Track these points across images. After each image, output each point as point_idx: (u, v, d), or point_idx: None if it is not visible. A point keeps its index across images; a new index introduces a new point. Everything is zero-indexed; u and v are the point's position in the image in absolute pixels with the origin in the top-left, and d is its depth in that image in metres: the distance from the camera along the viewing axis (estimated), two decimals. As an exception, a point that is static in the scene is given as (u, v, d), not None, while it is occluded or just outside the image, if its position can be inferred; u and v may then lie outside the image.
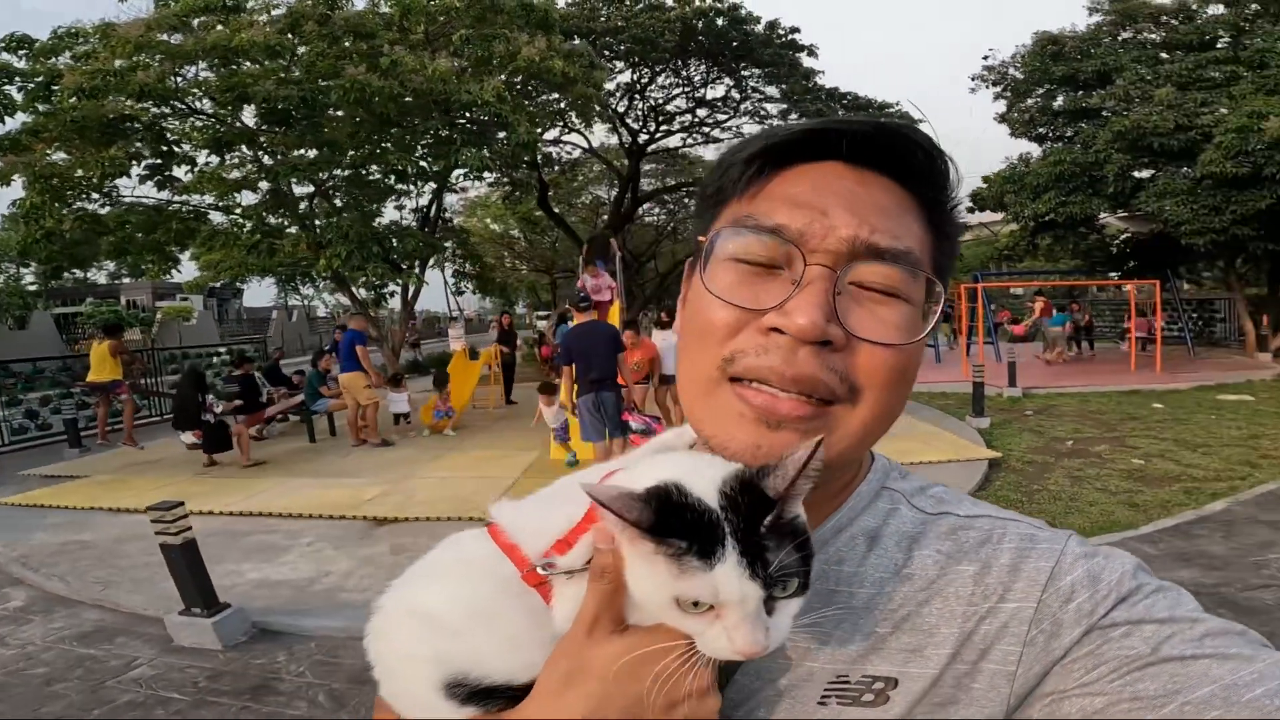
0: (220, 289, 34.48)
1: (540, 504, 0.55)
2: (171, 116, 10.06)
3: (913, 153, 0.52)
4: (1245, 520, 5.16)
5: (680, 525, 0.43)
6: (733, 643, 0.43)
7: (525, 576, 0.49)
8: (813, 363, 0.49)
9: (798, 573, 0.44)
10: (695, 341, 0.54)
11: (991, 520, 0.56)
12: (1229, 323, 17.77)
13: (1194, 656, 0.43)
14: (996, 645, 0.49)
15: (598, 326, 6.03)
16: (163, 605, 4.17)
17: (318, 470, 7.75)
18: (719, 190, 0.56)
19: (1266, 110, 11.43)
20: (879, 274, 0.50)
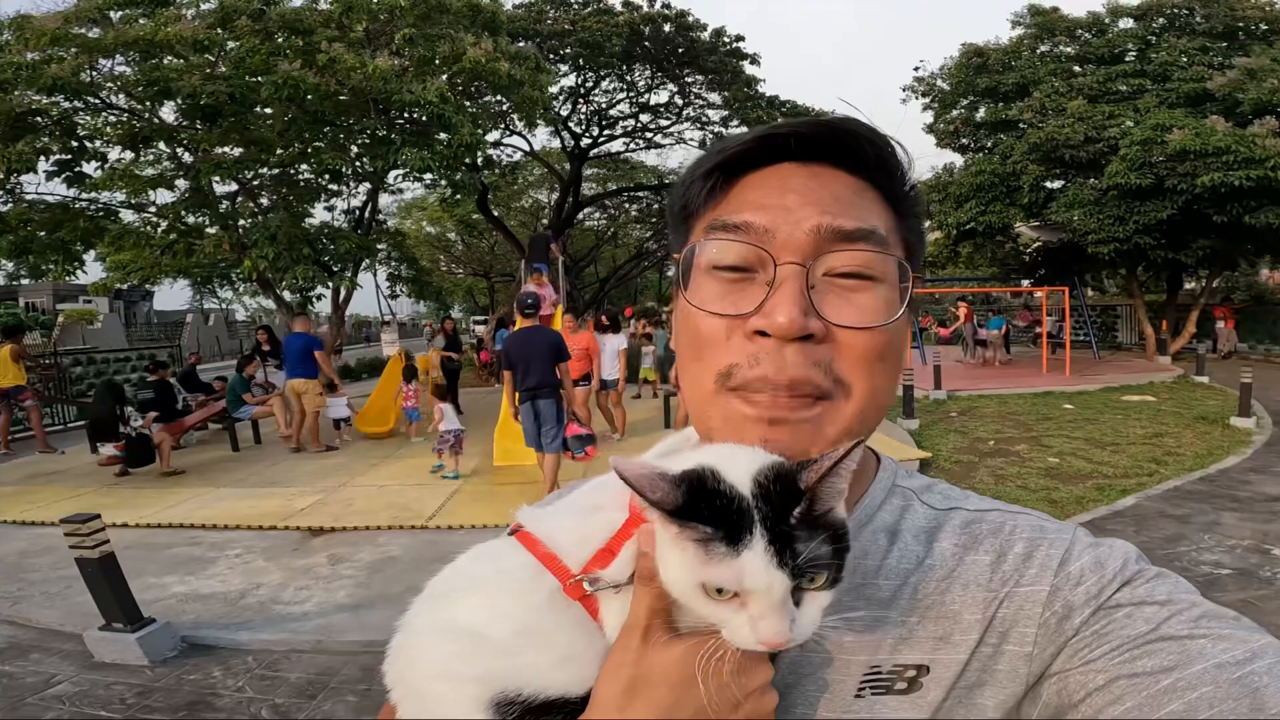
0: (128, 291, 32.57)
1: (577, 509, 0.54)
2: (84, 111, 9.48)
3: (859, 143, 0.55)
4: (1154, 515, 5.52)
5: (710, 510, 0.43)
6: (757, 632, 0.42)
7: (568, 589, 0.48)
8: (800, 361, 0.50)
9: (828, 565, 0.43)
10: (691, 354, 0.56)
11: (1001, 513, 0.59)
12: (1130, 328, 19.03)
13: (1190, 636, 0.46)
14: (1014, 628, 0.52)
15: (539, 333, 5.85)
16: (80, 620, 3.94)
17: (243, 480, 7.42)
18: (685, 207, 0.59)
19: (1169, 123, 12.15)
20: (849, 258, 0.52)
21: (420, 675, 0.49)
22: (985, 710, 0.52)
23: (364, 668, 3.49)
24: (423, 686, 0.49)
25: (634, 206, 23.08)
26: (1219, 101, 12.90)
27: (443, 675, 0.48)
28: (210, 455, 8.83)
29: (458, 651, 0.48)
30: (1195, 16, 14.69)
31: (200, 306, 38.06)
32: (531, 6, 15.36)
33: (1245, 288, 18.65)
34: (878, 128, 0.56)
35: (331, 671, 3.46)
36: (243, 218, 11.09)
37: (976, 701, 0.52)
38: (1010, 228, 16.56)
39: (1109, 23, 15.73)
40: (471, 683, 0.47)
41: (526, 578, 0.49)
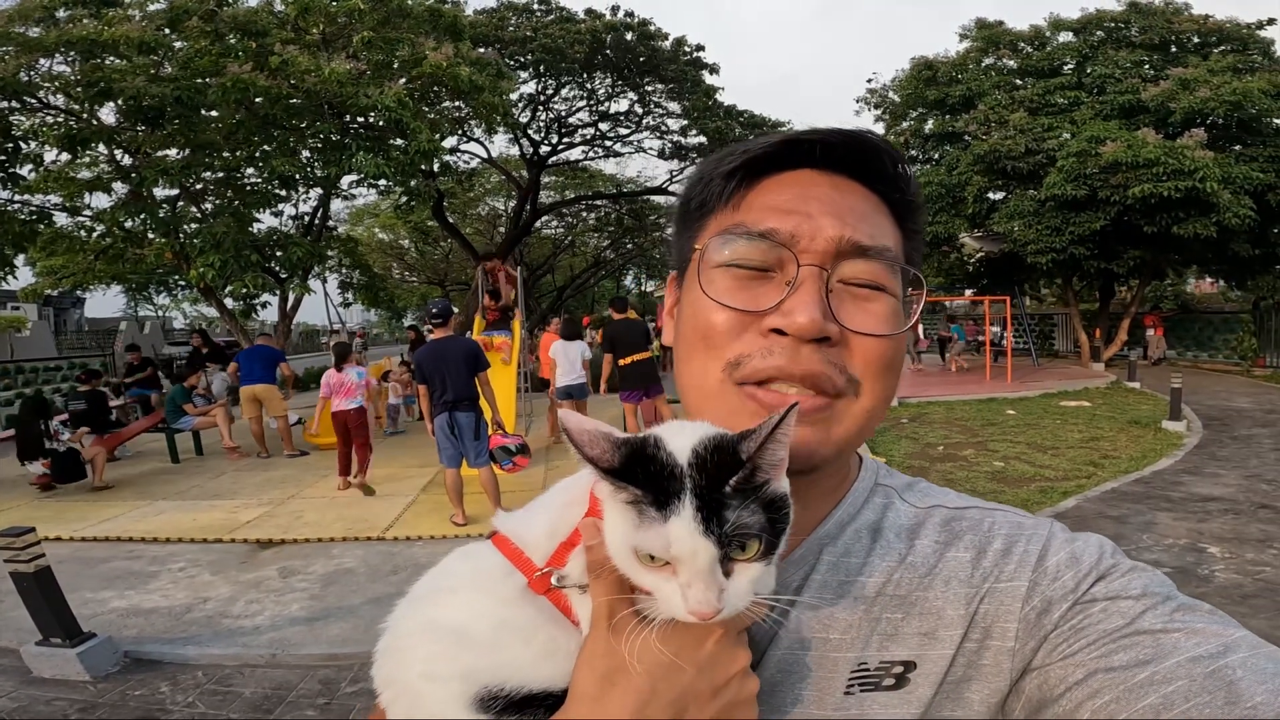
0: (58, 297, 31.13)
1: (545, 508, 0.54)
2: (20, 112, 9.05)
3: (879, 159, 0.57)
4: (1094, 515, 5.75)
5: (644, 475, 0.43)
6: (686, 601, 0.42)
7: (532, 584, 0.49)
8: (816, 359, 0.52)
9: (759, 535, 0.43)
10: (698, 346, 0.56)
11: (979, 510, 0.60)
12: (1066, 336, 19.81)
13: (1165, 630, 0.47)
14: (996, 624, 0.53)
15: (453, 343, 5.54)
16: (14, 636, 3.77)
17: (184, 492, 7.16)
18: (703, 203, 0.59)
19: (1103, 135, 12.64)
20: (864, 270, 0.54)
21: (407, 675, 0.49)
22: (972, 705, 0.53)
23: (323, 681, 3.39)
24: (411, 686, 0.49)
25: (592, 215, 23.07)
26: (1152, 113, 13.41)
27: (428, 675, 0.48)
28: (148, 467, 8.49)
29: (441, 651, 0.48)
30: (1132, 30, 15.21)
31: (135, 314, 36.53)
32: (493, 13, 15.27)
33: (1173, 297, 19.62)
34: (894, 148, 0.58)
35: (288, 686, 3.35)
36: (184, 223, 10.70)
37: (964, 697, 0.53)
38: (955, 238, 17.07)
39: (1049, 36, 16.18)
40: (456, 680, 0.47)
41: (501, 576, 0.50)
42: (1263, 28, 14.74)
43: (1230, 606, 3.99)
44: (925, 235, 0.62)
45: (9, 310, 27.24)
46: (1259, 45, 14.74)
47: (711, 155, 0.61)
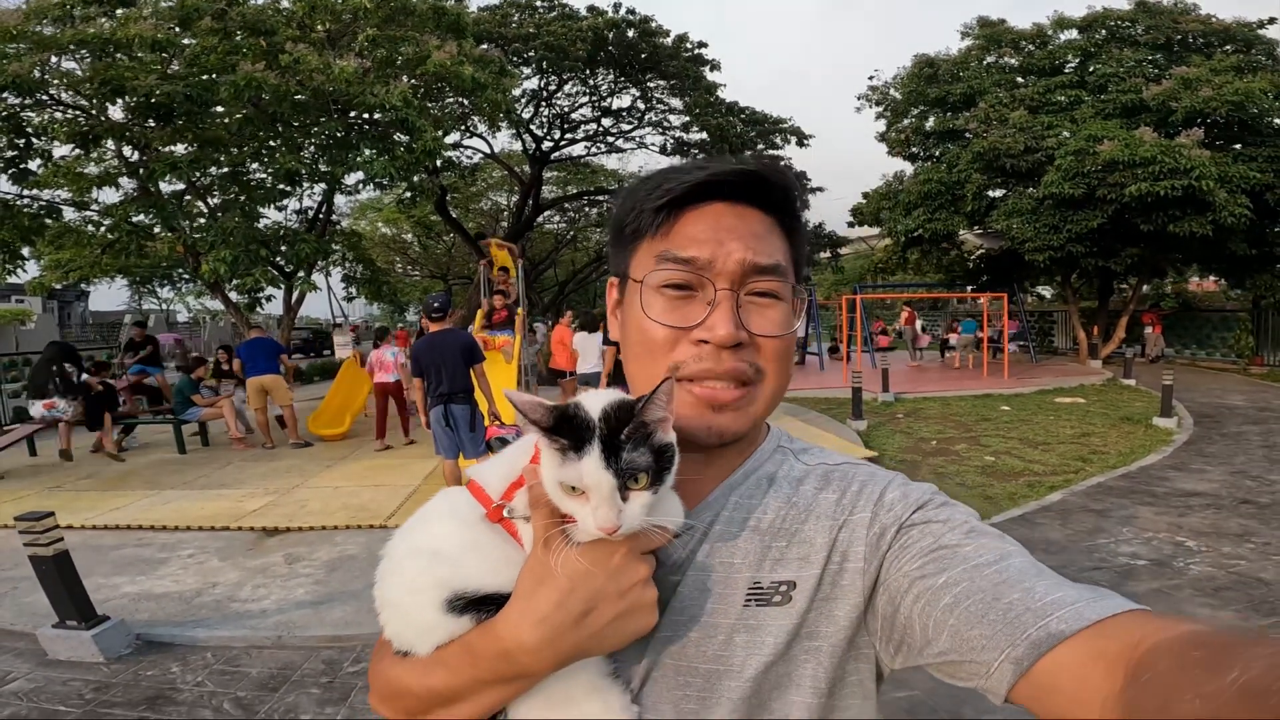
0: (63, 291, 31.30)
1: (502, 458, 0.70)
2: (32, 108, 9.20)
3: (772, 189, 0.72)
4: (1078, 509, 5.87)
5: (568, 430, 0.57)
6: (595, 519, 0.56)
7: (490, 514, 0.64)
8: (733, 360, 0.68)
9: (647, 470, 0.57)
10: (644, 354, 0.71)
11: (851, 465, 0.76)
12: (1065, 333, 19.87)
13: (958, 545, 0.62)
14: (851, 548, 0.67)
15: (449, 336, 5.66)
16: (30, 620, 3.91)
17: (191, 482, 7.31)
18: (635, 230, 0.74)
19: (1102, 134, 12.68)
20: (763, 284, 0.69)
21: (401, 590, 0.65)
22: (839, 620, 0.67)
23: (326, 661, 3.54)
24: (403, 600, 0.64)
25: (594, 210, 23.14)
26: (1153, 112, 13.40)
27: (411, 589, 0.64)
28: (156, 457, 8.66)
29: (421, 566, 0.64)
30: (1137, 29, 15.21)
31: (139, 307, 36.73)
32: (496, 10, 15.36)
33: (1174, 295, 19.65)
34: (786, 173, 0.74)
35: (293, 666, 3.51)
36: (189, 218, 10.85)
37: (834, 614, 0.67)
38: (955, 235, 17.12)
39: (1051, 34, 16.18)
40: (432, 589, 0.62)
41: (464, 507, 0.66)
42: (1264, 27, 14.73)
43: (1201, 598, 4.13)
44: (902, 230, 0.75)
45: (14, 303, 27.43)
46: (1264, 45, 14.72)
47: (639, 183, 0.75)
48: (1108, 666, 0.47)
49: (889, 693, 3.06)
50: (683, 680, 0.65)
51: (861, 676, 0.68)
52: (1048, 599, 0.54)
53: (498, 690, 0.61)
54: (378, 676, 0.69)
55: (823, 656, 0.66)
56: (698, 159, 0.78)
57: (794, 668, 0.66)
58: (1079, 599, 0.54)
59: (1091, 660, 0.49)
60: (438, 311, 5.77)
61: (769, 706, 0.65)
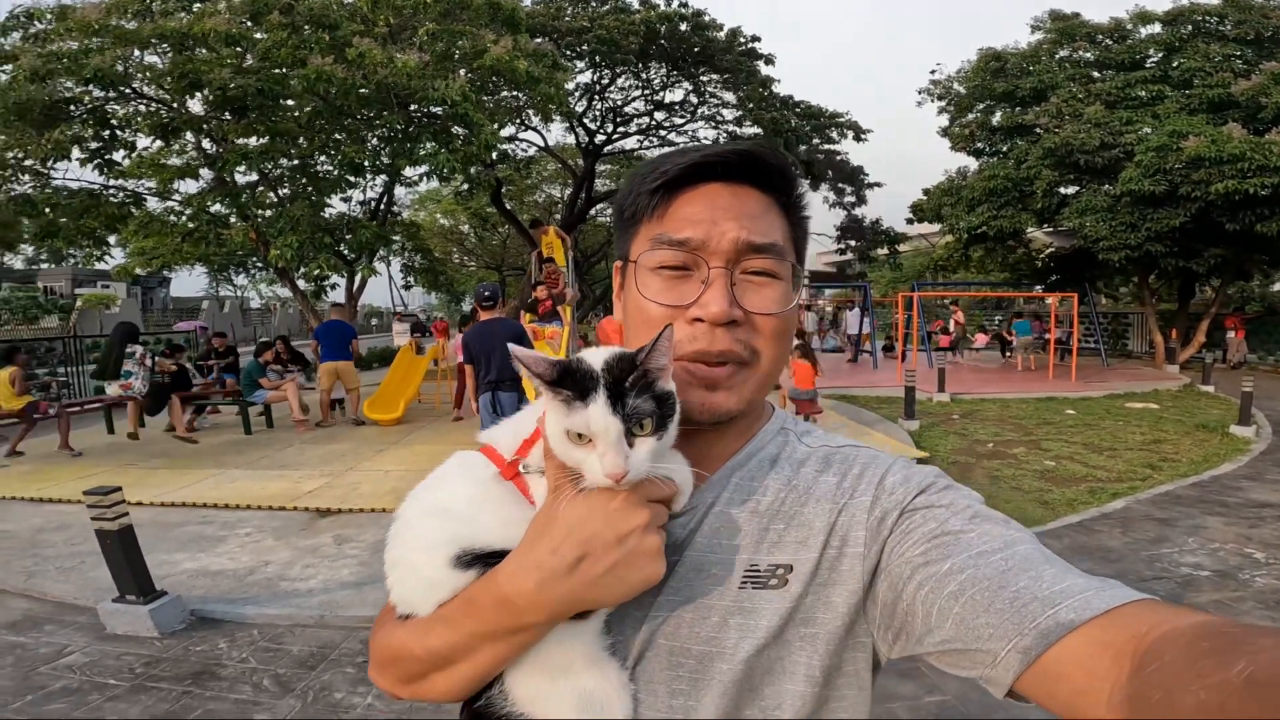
0: (146, 277, 33.09)
1: (513, 420, 0.71)
2: (116, 100, 9.74)
3: (769, 168, 0.71)
4: (1141, 517, 5.59)
5: (573, 381, 0.58)
6: (602, 466, 0.56)
7: (503, 472, 0.65)
8: (727, 338, 0.67)
9: (651, 415, 0.58)
10: (644, 334, 0.70)
11: (853, 448, 0.75)
12: (1141, 336, 18.92)
13: (962, 531, 0.61)
14: (851, 532, 0.66)
15: (498, 325, 5.79)
16: (92, 594, 4.13)
17: (254, 462, 7.63)
18: (634, 214, 0.74)
19: (1186, 130, 12.05)
20: (759, 263, 0.69)
21: (408, 550, 0.66)
22: (836, 607, 0.65)
23: (364, 641, 3.65)
24: (412, 560, 0.65)
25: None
26: (1242, 108, 12.77)
27: (423, 546, 0.65)
28: (224, 438, 9.06)
29: (432, 525, 0.65)
30: (1226, 24, 14.51)
31: (216, 293, 38.56)
32: (550, 3, 15.47)
33: (1260, 298, 18.49)
34: (782, 155, 0.74)
35: (332, 645, 3.63)
36: (262, 208, 11.31)
37: (830, 599, 0.65)
38: (1022, 233, 16.51)
39: (1131, 29, 15.58)
40: (443, 545, 0.63)
41: (478, 467, 0.67)
42: None
43: (1263, 611, 3.91)
44: (965, 227, 0.73)
45: (100, 288, 29.14)
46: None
47: (638, 170, 0.75)
48: (1115, 656, 0.47)
49: (920, 697, 2.97)
50: (675, 660, 0.65)
51: (858, 666, 0.67)
52: (1056, 587, 0.54)
53: (495, 646, 0.61)
54: (376, 644, 0.69)
55: (819, 644, 0.65)
56: (697, 145, 0.77)
57: (787, 653, 0.65)
58: (1087, 588, 0.53)
59: (1099, 649, 0.49)
60: (488, 300, 5.92)
61: (761, 691, 0.64)
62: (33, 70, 8.22)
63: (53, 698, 3.18)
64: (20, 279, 31.69)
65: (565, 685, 0.61)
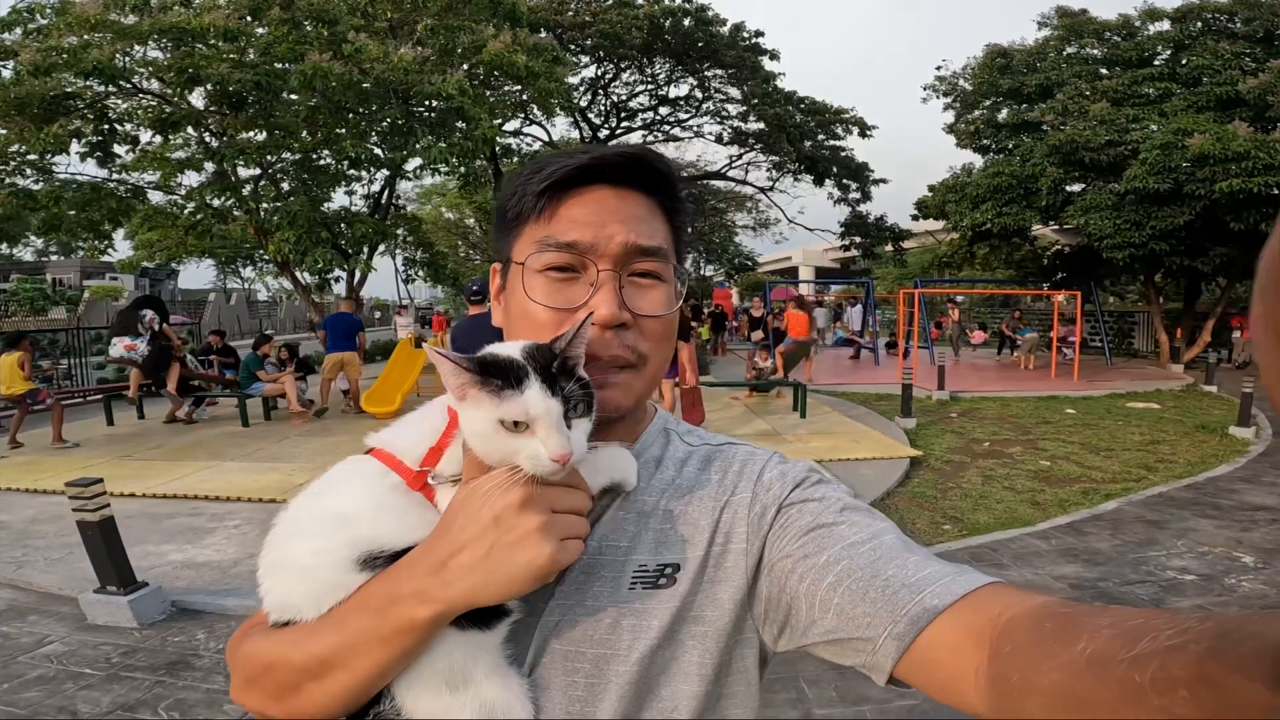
0: (154, 269, 33.32)
1: (409, 422, 0.69)
2: (117, 95, 9.79)
3: (654, 172, 0.72)
4: (1132, 519, 5.54)
5: (497, 371, 0.57)
6: (547, 449, 0.55)
7: (411, 482, 0.63)
8: (615, 343, 0.67)
9: (583, 397, 0.59)
10: (528, 335, 0.70)
11: (733, 446, 0.77)
12: (1146, 335, 18.77)
13: (834, 524, 0.63)
14: (734, 529, 0.68)
15: (488, 320, 5.79)
16: (77, 585, 4.16)
17: (249, 454, 7.67)
18: (518, 214, 0.73)
19: (1192, 127, 11.92)
20: (646, 265, 0.69)
21: (297, 555, 0.63)
22: (723, 604, 0.66)
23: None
24: (297, 560, 0.63)
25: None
26: (1250, 106, 12.63)
27: (318, 549, 0.62)
28: (221, 430, 9.11)
29: (329, 529, 0.63)
30: (1236, 21, 14.36)
31: (223, 286, 38.77)
32: (553, -1, 15.46)
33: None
34: (666, 158, 0.74)
35: (309, 637, 3.64)
36: (264, 201, 11.37)
37: (717, 597, 0.66)
38: (1027, 230, 16.39)
39: (1139, 26, 15.44)
40: (342, 548, 0.61)
41: (377, 475, 0.65)
42: None
43: (1250, 622, 3.84)
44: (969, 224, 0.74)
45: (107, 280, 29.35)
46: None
47: (520, 170, 0.75)
48: (976, 640, 0.50)
49: (890, 700, 2.96)
50: (571, 665, 0.64)
51: (746, 663, 0.68)
52: (920, 574, 0.56)
53: (381, 649, 0.57)
54: (242, 657, 0.65)
55: (709, 642, 0.65)
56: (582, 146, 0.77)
57: (680, 652, 0.65)
58: (944, 574, 0.56)
59: (962, 633, 0.51)
60: (476, 294, 5.86)
61: (657, 692, 0.64)
62: (33, 65, 8.27)
63: (28, 686, 3.21)
64: (30, 271, 31.97)
65: (466, 696, 0.59)
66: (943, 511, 5.68)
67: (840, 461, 6.86)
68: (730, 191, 23.40)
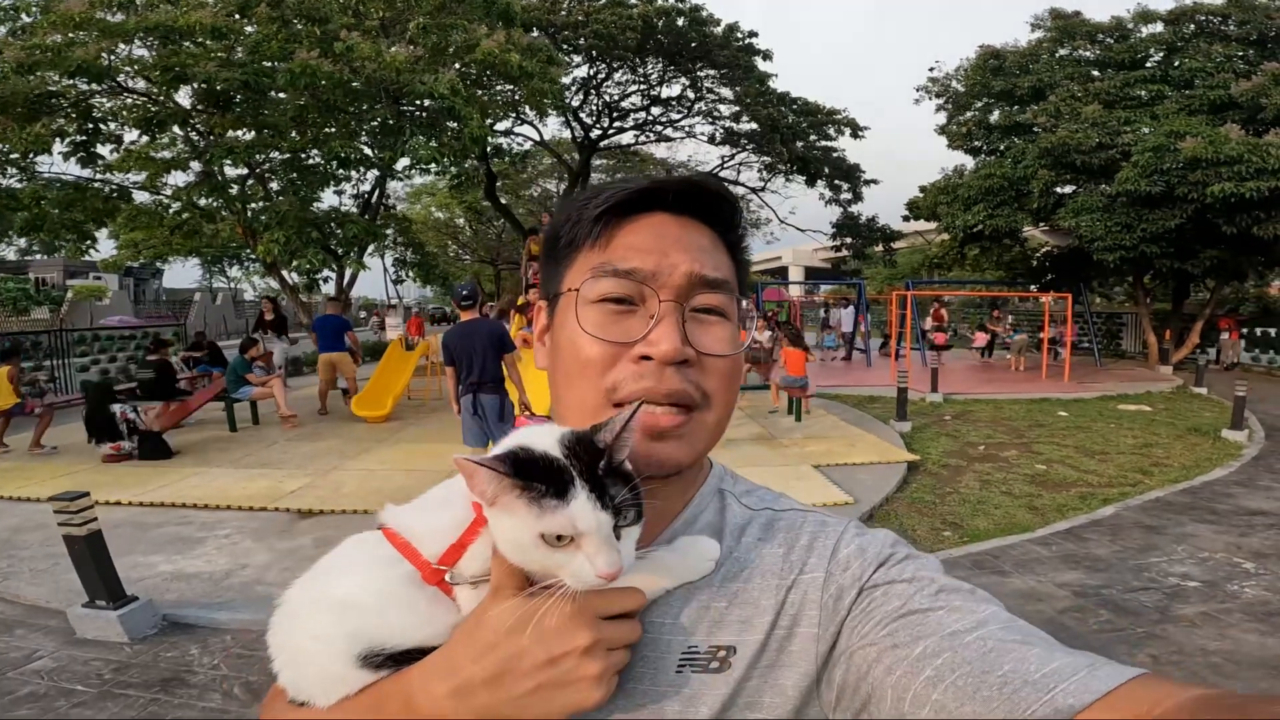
0: (139, 269, 32.92)
1: (429, 507, 0.62)
2: (102, 94, 9.62)
3: (719, 203, 0.66)
4: (1130, 525, 5.54)
5: (536, 473, 0.50)
6: (595, 566, 0.50)
7: (426, 577, 0.56)
8: (676, 379, 0.60)
9: (634, 504, 0.52)
10: (576, 373, 0.63)
11: (798, 512, 0.69)
12: (1135, 336, 18.91)
13: (930, 609, 0.55)
14: (803, 611, 0.60)
15: (481, 325, 5.59)
16: (65, 598, 4.05)
17: (237, 460, 7.54)
18: (571, 241, 0.66)
19: (1184, 130, 11.98)
20: (711, 299, 0.63)
21: (304, 638, 0.58)
22: (786, 691, 0.59)
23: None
24: (306, 647, 0.57)
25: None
26: (1242, 109, 12.70)
27: (318, 637, 0.56)
28: (208, 434, 8.97)
29: (331, 618, 0.56)
30: (1229, 24, 14.46)
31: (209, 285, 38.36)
32: (546, -2, 15.38)
33: (1254, 299, 18.47)
34: (728, 188, 0.68)
35: (305, 653, 3.56)
36: (253, 201, 11.21)
37: (779, 682, 0.59)
38: (1018, 232, 16.46)
39: (1132, 28, 15.51)
40: (342, 640, 0.55)
41: (389, 561, 0.58)
42: None
43: (1251, 623, 3.86)
44: (961, 225, 0.66)
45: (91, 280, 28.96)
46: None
47: (574, 198, 0.68)
48: None
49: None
50: None
51: None
52: (1046, 669, 0.48)
53: None
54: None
55: None
56: (644, 175, 0.70)
57: None
58: (1078, 668, 0.48)
59: None
60: (467, 300, 5.76)
61: None
62: (17, 63, 8.11)
63: (19, 703, 3.11)
64: (13, 270, 31.49)
65: None
66: (942, 517, 5.66)
67: (837, 466, 6.83)
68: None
